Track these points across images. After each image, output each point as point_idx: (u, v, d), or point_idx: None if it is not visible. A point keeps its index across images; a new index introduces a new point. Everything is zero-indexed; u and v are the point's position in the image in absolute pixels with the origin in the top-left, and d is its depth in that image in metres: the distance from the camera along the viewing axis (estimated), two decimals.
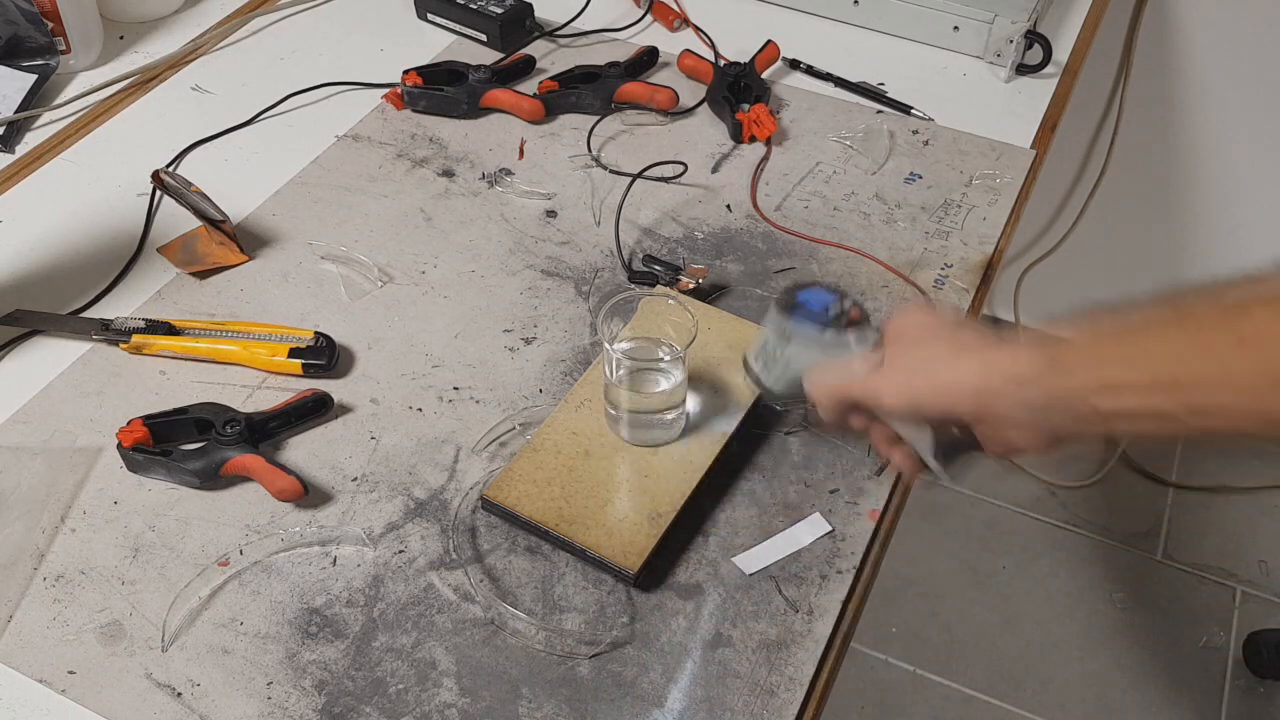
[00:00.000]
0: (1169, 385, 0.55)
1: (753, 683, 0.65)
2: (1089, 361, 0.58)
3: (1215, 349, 0.53)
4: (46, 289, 0.88)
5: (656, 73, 1.09)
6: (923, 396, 0.63)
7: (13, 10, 1.04)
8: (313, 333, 0.81)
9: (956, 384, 0.62)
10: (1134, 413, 0.57)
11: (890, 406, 0.64)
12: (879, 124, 1.04)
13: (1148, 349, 0.56)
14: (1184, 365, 0.54)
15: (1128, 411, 0.57)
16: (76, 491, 0.74)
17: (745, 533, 0.72)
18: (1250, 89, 1.57)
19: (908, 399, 0.64)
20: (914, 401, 0.64)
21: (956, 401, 0.62)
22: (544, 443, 0.74)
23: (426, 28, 1.15)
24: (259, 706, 0.63)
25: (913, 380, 0.64)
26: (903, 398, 0.64)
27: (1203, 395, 0.54)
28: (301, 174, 0.97)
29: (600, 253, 0.91)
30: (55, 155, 1.00)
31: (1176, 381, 0.55)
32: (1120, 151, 1.68)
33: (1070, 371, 0.58)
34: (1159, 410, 0.56)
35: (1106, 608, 1.75)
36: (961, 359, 0.62)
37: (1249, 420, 0.54)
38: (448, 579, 0.69)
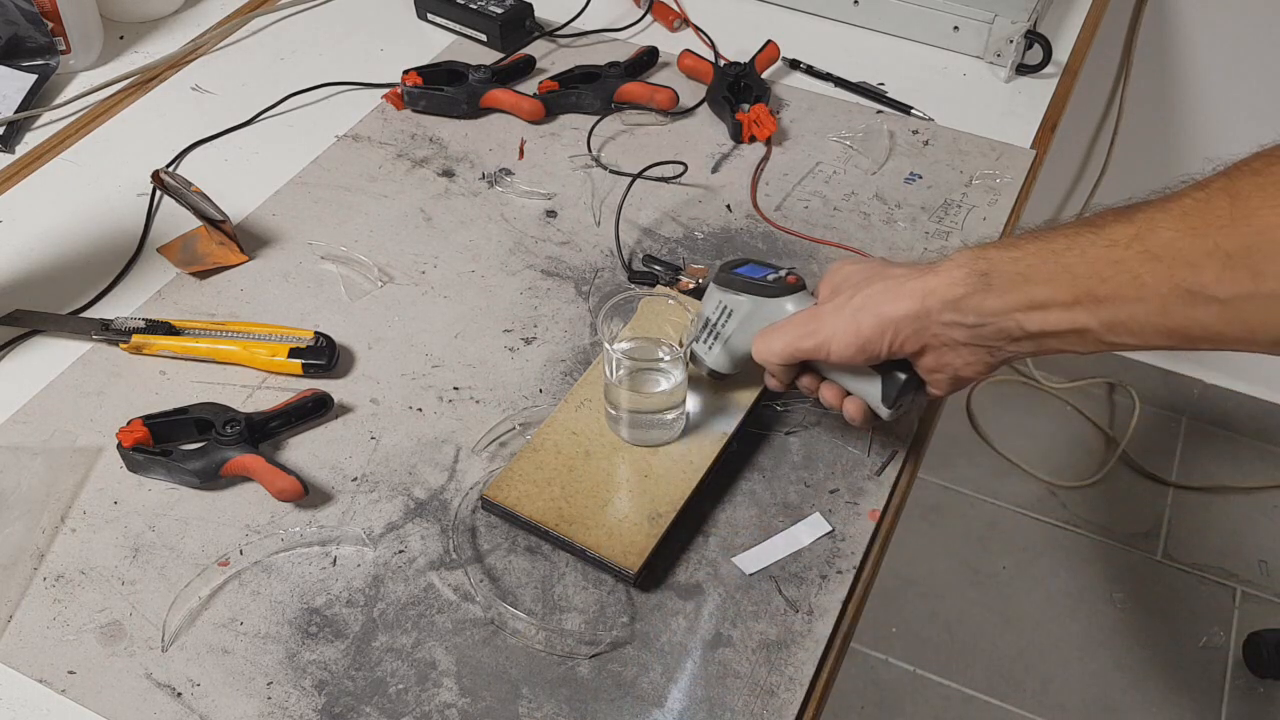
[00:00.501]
0: (1088, 301, 0.58)
1: (753, 683, 0.65)
2: (1016, 281, 0.61)
3: (1128, 265, 0.56)
4: (46, 289, 0.88)
5: (656, 73, 1.09)
6: (867, 336, 0.66)
7: (13, 10, 1.04)
8: (313, 333, 0.81)
9: (897, 314, 0.65)
10: (1058, 330, 0.60)
11: (839, 354, 0.67)
12: (879, 124, 1.04)
13: (1069, 267, 0.59)
14: (1102, 282, 0.58)
15: (1052, 329, 0.61)
16: (76, 491, 0.74)
17: (745, 533, 0.72)
18: (1250, 89, 1.57)
19: (855, 343, 0.66)
20: (860, 343, 0.66)
21: (899, 333, 0.65)
22: (544, 443, 0.74)
23: (426, 28, 1.15)
24: (259, 706, 0.63)
25: (857, 322, 0.66)
26: (850, 343, 0.66)
27: (1117, 309, 0.58)
28: (301, 174, 0.97)
29: (600, 253, 0.91)
30: (55, 155, 1.00)
31: (1094, 297, 0.58)
32: (1120, 151, 1.68)
33: (1000, 292, 0.61)
34: (1081, 326, 0.59)
35: (1106, 608, 1.75)
36: (899, 290, 0.65)
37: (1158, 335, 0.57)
38: (448, 579, 0.69)
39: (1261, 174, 0.54)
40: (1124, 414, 1.98)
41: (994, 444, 1.95)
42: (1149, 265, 0.56)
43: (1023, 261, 0.61)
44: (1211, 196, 0.55)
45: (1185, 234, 0.55)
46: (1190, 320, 0.55)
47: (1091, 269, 0.58)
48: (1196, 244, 0.54)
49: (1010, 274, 0.61)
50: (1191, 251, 0.54)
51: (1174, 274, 0.55)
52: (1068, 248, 0.59)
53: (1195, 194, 0.56)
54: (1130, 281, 0.57)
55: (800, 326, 0.69)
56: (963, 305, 0.62)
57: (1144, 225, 0.57)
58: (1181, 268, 0.55)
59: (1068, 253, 0.59)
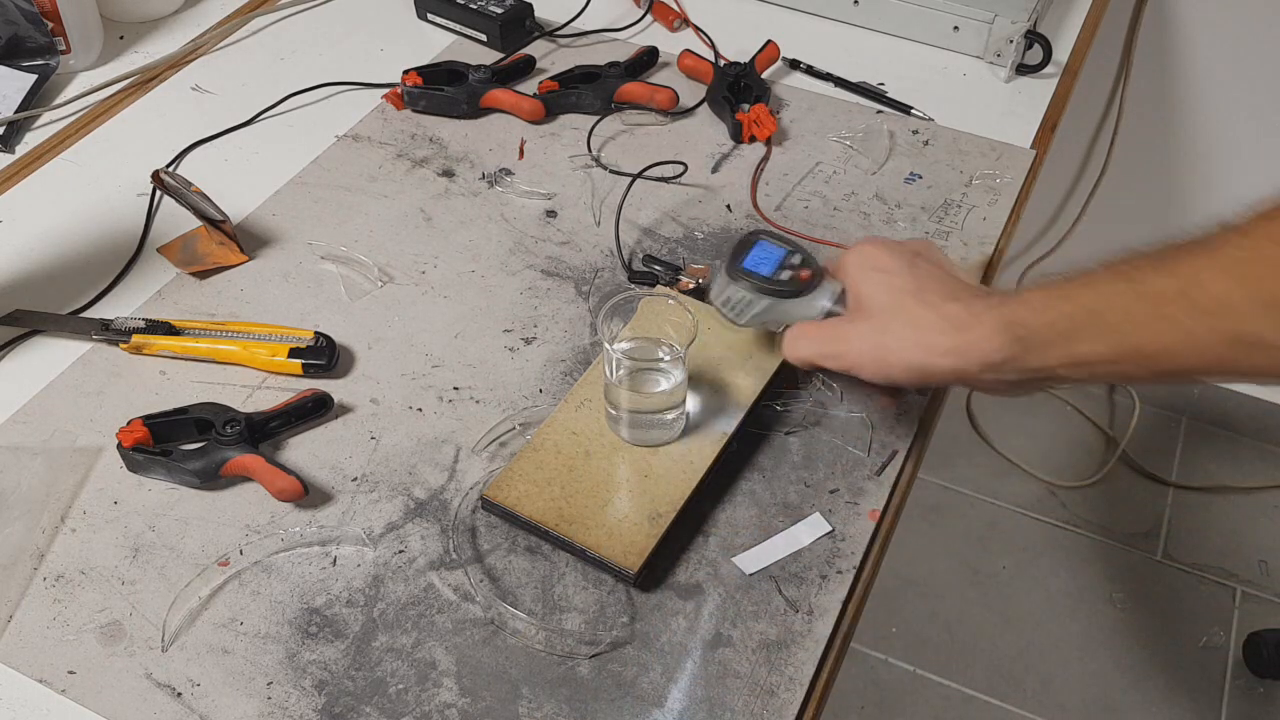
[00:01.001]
0: (1136, 355, 0.59)
1: (753, 683, 0.65)
2: (1056, 341, 0.61)
3: (1177, 319, 0.56)
4: (46, 289, 0.88)
5: (656, 73, 1.09)
6: (897, 376, 0.67)
7: (13, 10, 1.04)
8: (313, 333, 0.81)
9: (929, 370, 0.66)
10: (1102, 377, 0.61)
11: (867, 377, 0.69)
12: (879, 124, 1.04)
13: (1113, 324, 0.59)
14: (1151, 337, 0.58)
15: (1097, 377, 0.62)
16: (76, 491, 0.74)
17: (745, 533, 0.72)
18: (1250, 89, 1.57)
19: (884, 377, 0.68)
20: (890, 380, 0.68)
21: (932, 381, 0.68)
22: (544, 443, 0.74)
23: (426, 28, 1.15)
24: (259, 706, 0.63)
25: (886, 363, 0.67)
26: (878, 375, 0.68)
27: (1168, 361, 0.58)
28: (301, 174, 0.97)
29: (600, 253, 0.91)
30: (55, 155, 1.00)
31: (1143, 352, 0.58)
32: (1120, 151, 1.68)
33: (1041, 352, 0.62)
34: (1126, 374, 0.60)
35: (1106, 608, 1.75)
36: (933, 345, 0.65)
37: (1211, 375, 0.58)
38: (448, 579, 0.69)
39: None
40: (1124, 414, 1.98)
41: (994, 444, 1.95)
42: (1200, 320, 0.56)
43: (1060, 324, 0.61)
44: (1259, 245, 0.55)
45: (1236, 286, 0.54)
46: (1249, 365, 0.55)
47: (1136, 327, 0.58)
48: (1249, 295, 0.54)
49: (1049, 336, 0.61)
50: (1246, 304, 0.54)
51: (1228, 326, 0.55)
52: (1107, 306, 0.59)
53: (1239, 242, 0.55)
54: (1182, 337, 0.56)
55: (828, 343, 0.70)
56: (1003, 367, 0.63)
57: (1188, 279, 0.56)
58: (1236, 320, 0.54)
59: (1108, 311, 0.59)
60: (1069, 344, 0.61)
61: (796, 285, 0.73)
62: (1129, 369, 0.60)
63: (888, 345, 0.67)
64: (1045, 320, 0.61)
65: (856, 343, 0.69)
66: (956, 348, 0.64)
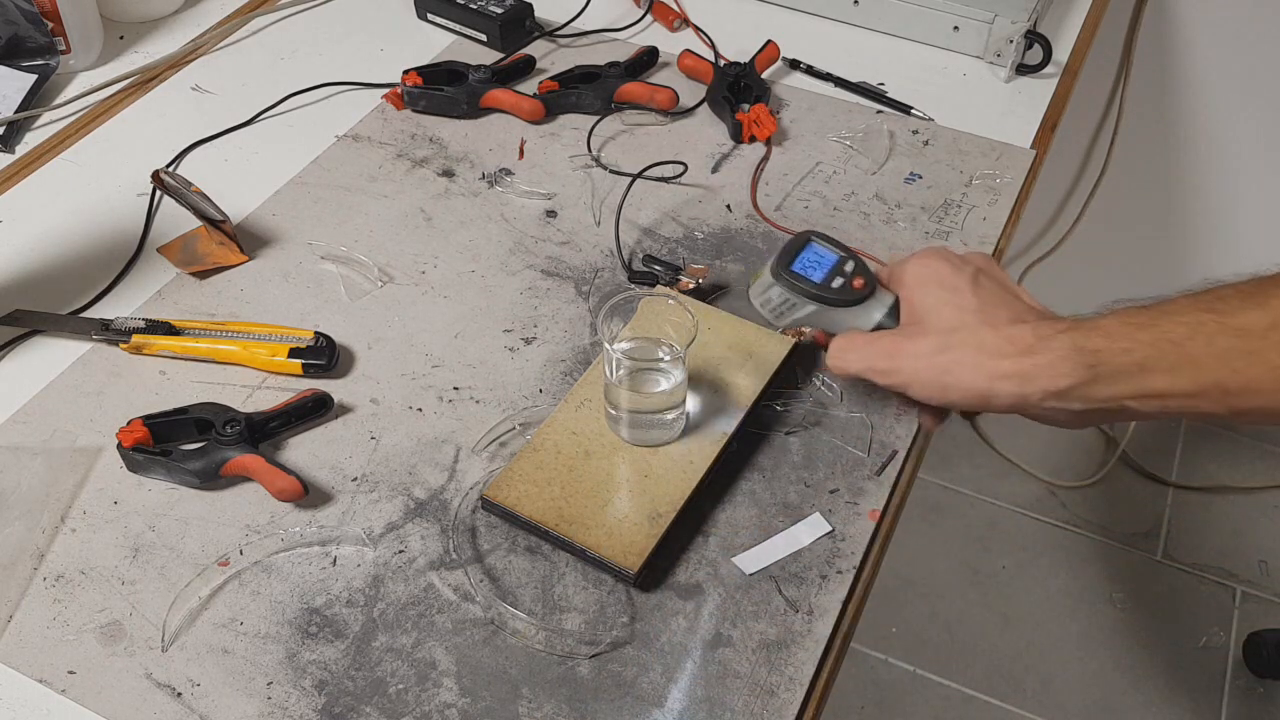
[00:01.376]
0: (1216, 392, 0.55)
1: (753, 683, 0.65)
2: (1130, 371, 0.57)
3: (1265, 355, 0.53)
4: (46, 289, 0.88)
5: (656, 73, 1.09)
6: (954, 400, 0.63)
7: (13, 10, 1.04)
8: (313, 333, 0.81)
9: (993, 395, 0.62)
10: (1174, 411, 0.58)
11: (920, 398, 0.65)
12: (879, 124, 1.04)
13: (1193, 357, 0.55)
14: (1235, 374, 0.54)
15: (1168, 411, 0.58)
16: (76, 491, 0.74)
17: (745, 533, 0.72)
18: (1250, 89, 1.57)
19: (940, 399, 0.64)
20: (946, 402, 0.64)
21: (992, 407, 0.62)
22: (544, 443, 0.74)
23: (426, 28, 1.15)
24: (259, 706, 0.63)
25: (944, 385, 0.63)
26: (934, 397, 0.64)
27: (1251, 399, 0.55)
28: (301, 174, 0.97)
29: (600, 253, 0.91)
30: (55, 155, 1.00)
31: (1224, 388, 0.55)
32: (1120, 151, 1.68)
33: (1111, 382, 0.58)
34: (1201, 411, 0.57)
35: (1106, 608, 1.75)
36: (996, 368, 0.61)
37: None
38: (448, 579, 0.69)
39: None
40: None
41: (994, 444, 1.95)
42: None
43: (1137, 352, 0.57)
44: None
45: None
46: None
47: (1220, 360, 0.55)
48: None
49: (1123, 364, 0.58)
50: None
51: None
52: (1189, 336, 0.56)
53: None
54: (1268, 372, 0.54)
55: (880, 357, 0.66)
56: (1069, 395, 0.60)
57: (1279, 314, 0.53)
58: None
59: (1190, 342, 0.56)
60: (1145, 375, 0.57)
61: (849, 294, 0.70)
62: (1206, 405, 0.56)
63: (947, 366, 0.63)
64: (1120, 347, 0.58)
65: (912, 360, 0.65)
66: (1021, 371, 0.60)
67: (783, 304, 0.72)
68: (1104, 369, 0.58)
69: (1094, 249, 1.83)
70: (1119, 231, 1.80)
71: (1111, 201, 1.75)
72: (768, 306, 0.73)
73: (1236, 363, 0.54)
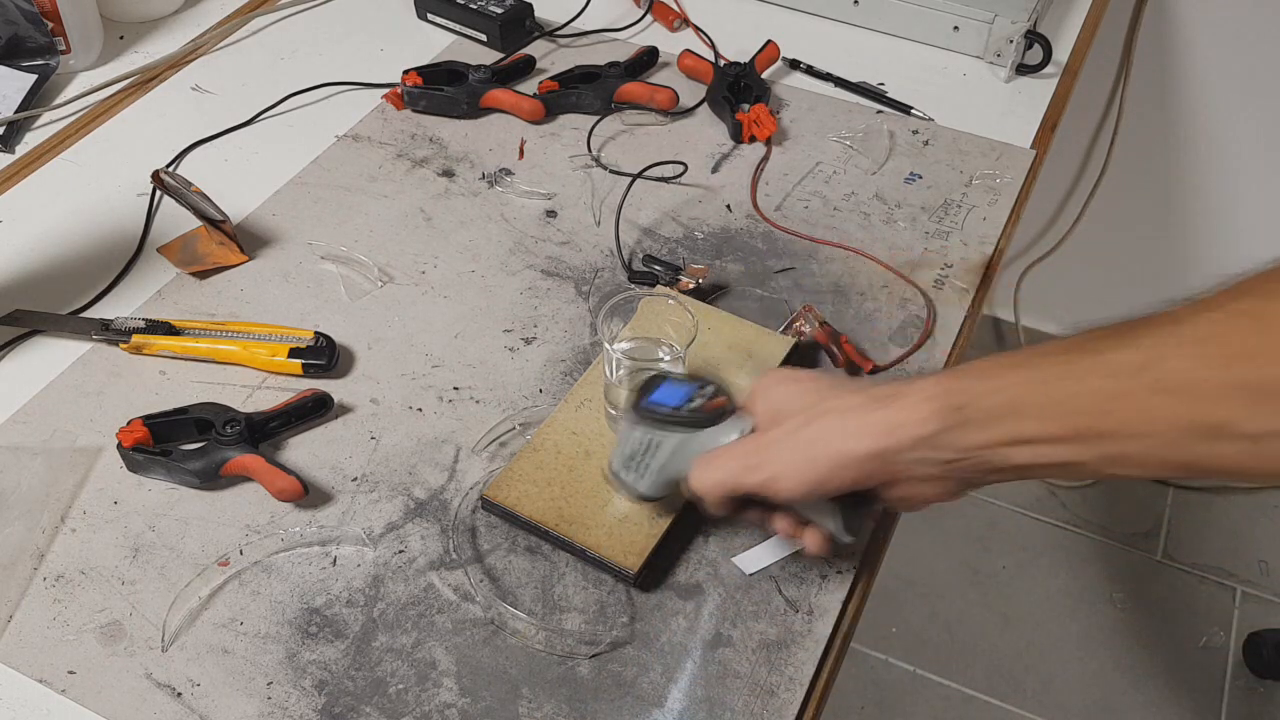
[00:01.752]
0: (1088, 435, 0.53)
1: (753, 683, 0.65)
2: (999, 414, 0.55)
3: (1135, 398, 0.51)
4: (46, 289, 0.88)
5: (656, 73, 1.09)
6: (823, 474, 0.58)
7: (13, 10, 1.04)
8: (313, 333, 0.81)
9: (857, 453, 0.57)
10: (1048, 463, 0.54)
11: (789, 491, 0.60)
12: (879, 124, 1.04)
13: (1064, 399, 0.53)
14: (1106, 416, 0.52)
15: (1042, 462, 0.55)
16: (76, 491, 0.74)
17: (745, 533, 0.72)
18: (1250, 89, 1.57)
19: (808, 482, 0.59)
20: (815, 482, 0.59)
21: (860, 471, 0.58)
22: (544, 443, 0.74)
23: (426, 28, 1.15)
24: (259, 706, 0.63)
25: (808, 458, 0.59)
26: (802, 482, 0.59)
27: (1121, 444, 0.52)
28: (301, 174, 0.97)
29: (600, 253, 0.91)
30: (55, 155, 1.00)
31: (1095, 431, 0.52)
32: (1120, 151, 1.68)
33: (980, 427, 0.55)
34: (1076, 459, 0.54)
35: (1106, 608, 1.75)
36: (859, 424, 0.58)
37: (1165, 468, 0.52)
38: (448, 579, 0.69)
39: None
40: None
41: None
42: (1161, 399, 0.50)
43: (1006, 392, 0.54)
44: (1232, 320, 0.49)
45: (1203, 364, 0.49)
46: (1209, 456, 0.50)
47: (1091, 401, 0.52)
48: (1218, 376, 0.49)
49: (991, 406, 0.54)
50: (1212, 385, 0.49)
51: (1192, 410, 0.49)
52: (1061, 376, 0.53)
53: (1210, 315, 0.50)
54: (1138, 416, 0.51)
55: (742, 458, 0.61)
56: (936, 442, 0.56)
57: (1152, 353, 0.51)
58: (1201, 403, 0.49)
59: (1060, 382, 0.53)
60: (1014, 418, 0.54)
61: (708, 415, 0.65)
62: (1081, 453, 0.53)
63: (811, 439, 0.58)
64: (990, 386, 0.55)
65: (775, 447, 0.60)
66: (886, 421, 0.56)
67: (645, 450, 0.66)
68: (972, 410, 0.55)
69: (1094, 249, 1.82)
70: (1119, 231, 1.80)
71: (1111, 201, 1.75)
72: (628, 469, 0.67)
73: (1107, 404, 0.52)
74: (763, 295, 0.87)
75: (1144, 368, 0.51)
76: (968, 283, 0.89)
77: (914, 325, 0.85)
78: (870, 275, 0.89)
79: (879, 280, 0.89)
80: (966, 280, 0.89)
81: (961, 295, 0.88)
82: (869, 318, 0.86)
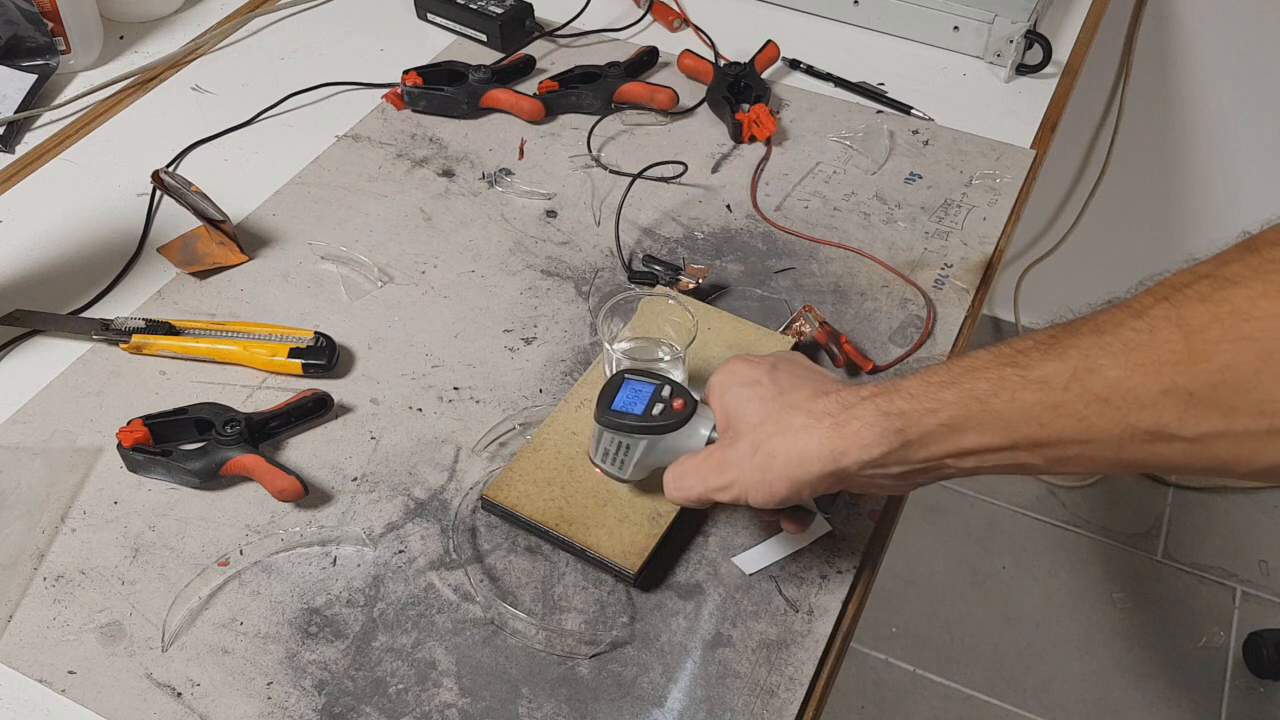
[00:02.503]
0: (1027, 445, 0.54)
1: (753, 683, 0.65)
2: (939, 433, 0.56)
3: (1070, 408, 0.52)
4: (46, 289, 0.88)
5: (656, 73, 1.09)
6: (784, 493, 0.61)
7: (13, 10, 1.04)
8: (313, 333, 0.81)
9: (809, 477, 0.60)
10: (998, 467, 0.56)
11: (761, 505, 0.63)
12: (879, 124, 1.04)
13: (999, 414, 0.54)
14: (1044, 427, 0.53)
15: (990, 466, 0.57)
16: (76, 491, 0.74)
17: (745, 533, 0.72)
18: (1250, 89, 1.57)
19: (774, 498, 0.62)
20: (780, 499, 0.61)
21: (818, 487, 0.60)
22: (544, 443, 0.74)
23: (426, 28, 1.15)
24: (259, 706, 0.63)
25: (768, 482, 0.61)
26: (769, 498, 0.62)
27: (1063, 449, 0.53)
28: (301, 174, 0.97)
29: (600, 253, 0.91)
30: (55, 155, 1.00)
31: (1034, 441, 0.54)
32: (1120, 151, 1.68)
33: (923, 445, 0.57)
34: (1022, 463, 0.55)
35: (1106, 608, 1.75)
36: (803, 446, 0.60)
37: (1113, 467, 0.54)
38: (448, 579, 0.69)
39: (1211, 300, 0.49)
40: None
41: None
42: (1096, 408, 0.51)
43: (941, 413, 0.56)
44: (1156, 328, 0.50)
45: (1133, 372, 0.50)
46: (1152, 455, 0.51)
47: (1026, 415, 0.53)
48: (1149, 383, 0.50)
49: (930, 426, 0.56)
50: (1145, 392, 0.50)
51: (1128, 416, 0.51)
52: (993, 393, 0.54)
53: (1134, 324, 0.51)
54: (1075, 424, 0.52)
55: (711, 475, 0.64)
56: (883, 461, 0.58)
57: (1080, 363, 0.52)
58: (1136, 409, 0.50)
59: (994, 399, 0.54)
60: (955, 434, 0.56)
61: (672, 417, 0.67)
62: (1026, 459, 0.55)
63: (764, 464, 0.61)
64: (925, 408, 0.56)
65: (737, 469, 0.62)
66: (834, 449, 0.58)
67: (617, 450, 0.69)
68: (912, 431, 0.57)
69: (1094, 249, 1.83)
70: (1119, 231, 1.80)
71: (1111, 201, 1.75)
72: (607, 460, 0.70)
73: (1043, 416, 0.53)
74: (763, 295, 0.87)
75: (1074, 379, 0.52)
76: (968, 283, 0.89)
77: (914, 325, 0.85)
78: (870, 275, 0.89)
79: (879, 280, 0.89)
80: (966, 280, 0.89)
81: (961, 295, 0.88)
82: (869, 318, 0.86)
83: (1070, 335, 0.53)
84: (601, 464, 0.71)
